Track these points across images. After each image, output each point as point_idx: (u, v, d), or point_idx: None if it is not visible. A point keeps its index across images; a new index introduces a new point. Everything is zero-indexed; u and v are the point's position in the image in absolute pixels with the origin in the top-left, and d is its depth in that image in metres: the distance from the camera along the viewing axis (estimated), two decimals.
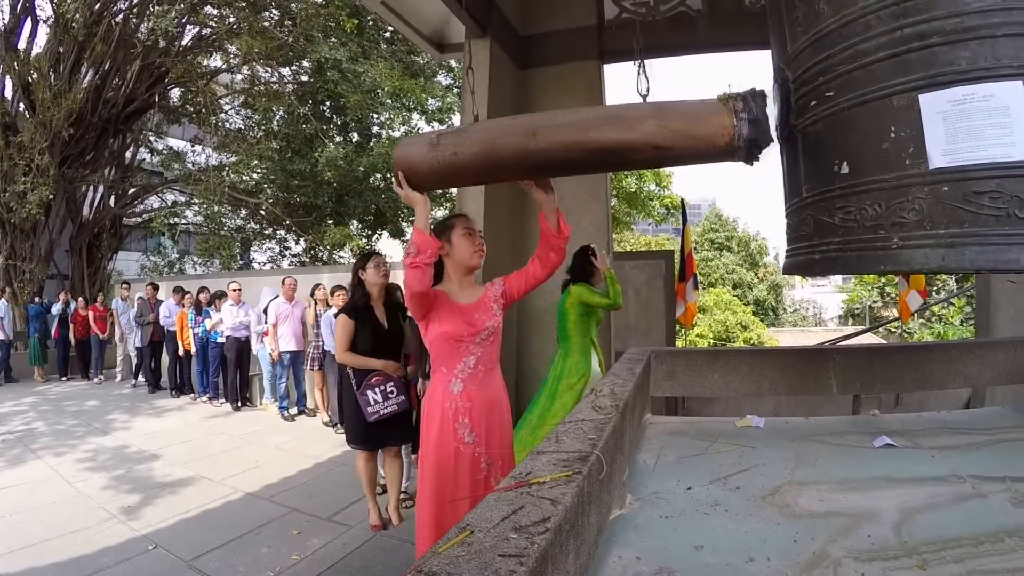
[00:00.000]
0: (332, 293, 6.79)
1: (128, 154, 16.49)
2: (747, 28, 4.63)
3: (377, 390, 3.79)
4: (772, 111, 1.97)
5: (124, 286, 11.51)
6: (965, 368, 2.78)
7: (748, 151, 1.69)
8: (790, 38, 1.83)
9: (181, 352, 9.35)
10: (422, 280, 2.12)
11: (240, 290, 8.43)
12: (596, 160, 1.86)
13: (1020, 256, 1.34)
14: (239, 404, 8.40)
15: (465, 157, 1.92)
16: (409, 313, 3.53)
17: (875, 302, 27.32)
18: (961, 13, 1.39)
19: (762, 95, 1.72)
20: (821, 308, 47.01)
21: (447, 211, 16.76)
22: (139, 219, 17.62)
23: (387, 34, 14.77)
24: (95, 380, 11.41)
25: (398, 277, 3.18)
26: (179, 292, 9.63)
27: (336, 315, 3.99)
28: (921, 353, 2.81)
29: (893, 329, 9.60)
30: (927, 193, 1.45)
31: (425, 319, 2.32)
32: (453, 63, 12.47)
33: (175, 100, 16.32)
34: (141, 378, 10.46)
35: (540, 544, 0.80)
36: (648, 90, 2.37)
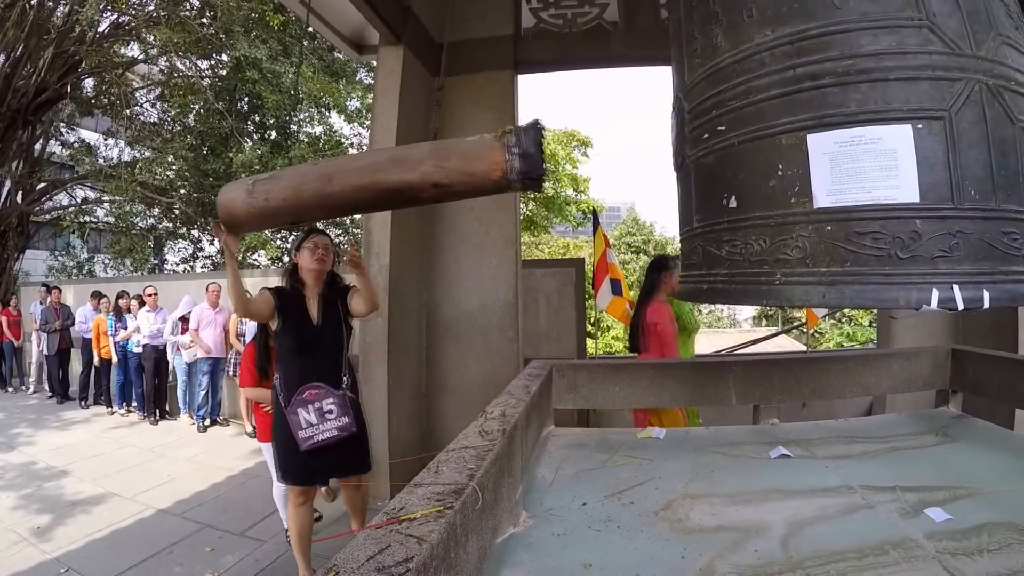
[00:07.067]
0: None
1: (37, 147, 15.50)
2: (663, 43, 4.58)
3: (310, 407, 2.81)
4: (670, 138, 2.02)
5: (43, 289, 10.37)
6: (862, 378, 2.90)
7: (523, 182, 1.81)
8: (688, 69, 1.82)
9: (97, 361, 8.70)
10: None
11: (156, 294, 7.98)
12: (386, 199, 2.03)
13: (900, 295, 1.36)
14: (158, 417, 7.93)
15: (275, 202, 2.06)
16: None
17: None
18: (854, 55, 1.40)
19: (535, 128, 1.82)
20: (736, 309, 48.30)
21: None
22: (47, 216, 16.63)
23: (310, 28, 14.35)
24: (9, 390, 10.64)
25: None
26: (97, 297, 9.04)
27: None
28: (819, 364, 2.92)
29: (804, 331, 9.98)
30: (810, 232, 1.47)
31: None
32: (374, 62, 12.27)
33: (88, 91, 15.44)
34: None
35: None
36: None
